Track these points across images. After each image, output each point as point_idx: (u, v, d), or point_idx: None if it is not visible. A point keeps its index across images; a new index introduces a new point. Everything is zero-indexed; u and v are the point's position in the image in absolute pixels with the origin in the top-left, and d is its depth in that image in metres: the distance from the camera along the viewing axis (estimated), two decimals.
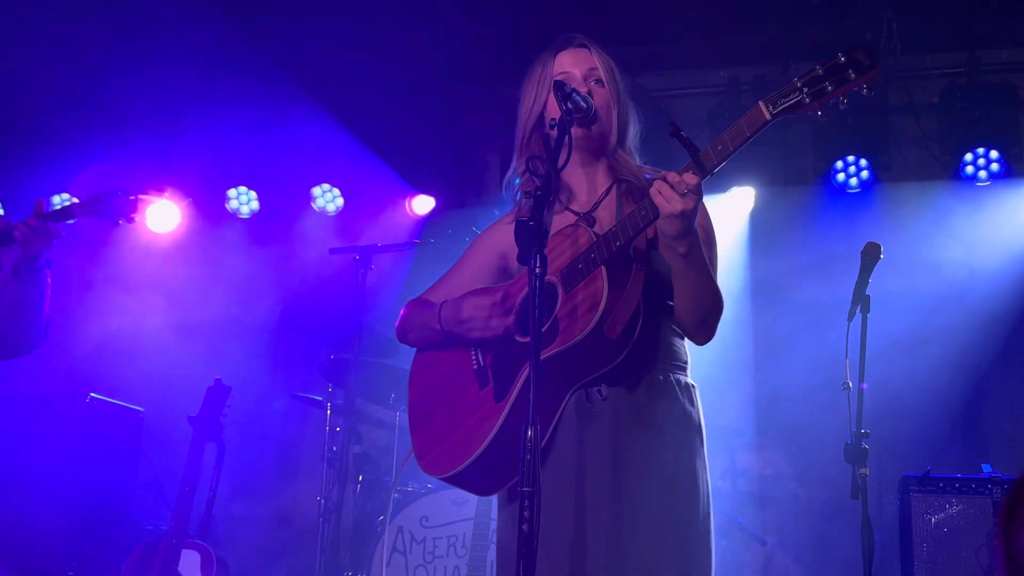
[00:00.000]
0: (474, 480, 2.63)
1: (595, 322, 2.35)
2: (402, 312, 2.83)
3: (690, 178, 2.25)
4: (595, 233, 2.47)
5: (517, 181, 2.79)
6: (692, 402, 2.58)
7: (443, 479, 2.63)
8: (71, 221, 3.54)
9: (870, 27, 5.90)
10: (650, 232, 2.48)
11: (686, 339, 2.62)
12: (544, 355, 2.37)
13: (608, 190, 2.68)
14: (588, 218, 2.63)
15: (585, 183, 2.70)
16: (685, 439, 2.53)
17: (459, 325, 2.62)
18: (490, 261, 2.80)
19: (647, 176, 2.67)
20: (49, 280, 3.54)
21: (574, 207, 2.68)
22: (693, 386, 2.61)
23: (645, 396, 2.50)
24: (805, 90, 2.18)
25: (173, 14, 5.76)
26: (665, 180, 2.28)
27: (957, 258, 5.93)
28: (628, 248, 2.43)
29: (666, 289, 2.50)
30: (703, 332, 2.54)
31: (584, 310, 2.39)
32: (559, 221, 2.63)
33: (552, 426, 2.50)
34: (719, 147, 2.25)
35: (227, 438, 4.93)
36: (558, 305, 2.46)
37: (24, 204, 7.08)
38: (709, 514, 2.53)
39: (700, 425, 2.59)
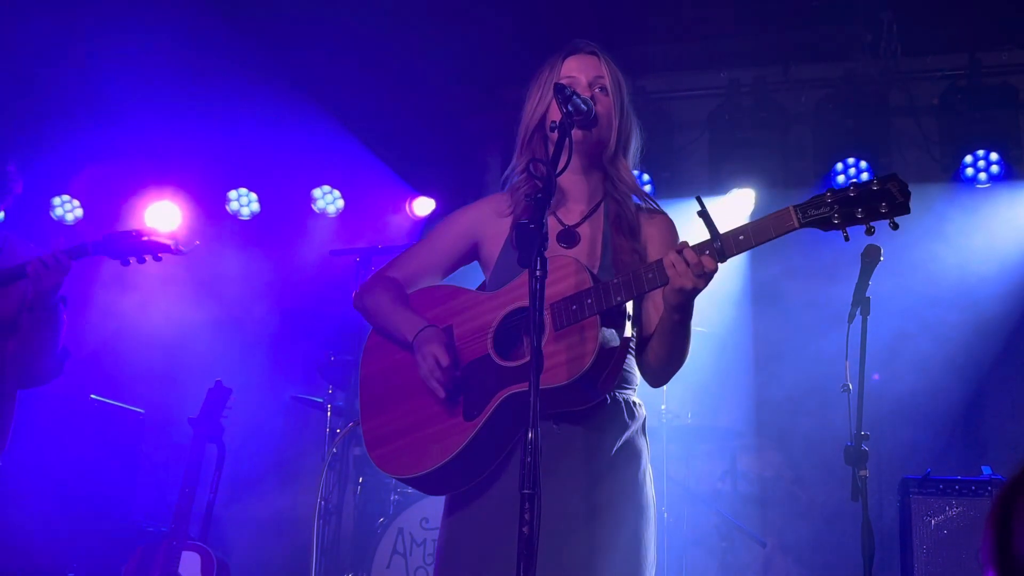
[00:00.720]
0: (424, 487, 2.67)
1: (581, 373, 2.36)
2: (368, 284, 2.78)
3: (708, 263, 2.28)
4: (594, 276, 2.45)
5: (515, 179, 2.78)
6: (634, 418, 2.60)
7: (394, 478, 2.64)
8: (83, 258, 3.54)
9: (871, 29, 5.91)
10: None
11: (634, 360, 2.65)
12: (518, 389, 2.40)
13: (597, 206, 2.68)
14: (572, 232, 2.64)
15: (577, 190, 2.71)
16: (627, 453, 2.56)
17: (418, 355, 2.55)
18: (458, 244, 2.78)
19: (635, 200, 2.69)
20: (64, 316, 3.55)
21: (561, 214, 2.69)
22: (638, 404, 2.65)
23: (595, 417, 2.52)
24: (836, 208, 2.22)
25: (174, 15, 5.76)
26: (682, 255, 2.29)
27: (957, 260, 5.93)
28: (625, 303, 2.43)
29: (633, 322, 2.54)
30: (663, 379, 2.63)
31: (570, 357, 2.38)
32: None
33: (511, 447, 2.51)
34: (740, 238, 2.27)
35: (227, 440, 4.93)
36: (544, 340, 2.38)
37: (24, 205, 7.10)
38: (650, 521, 2.56)
39: (644, 438, 2.64)
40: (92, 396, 5.47)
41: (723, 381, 5.89)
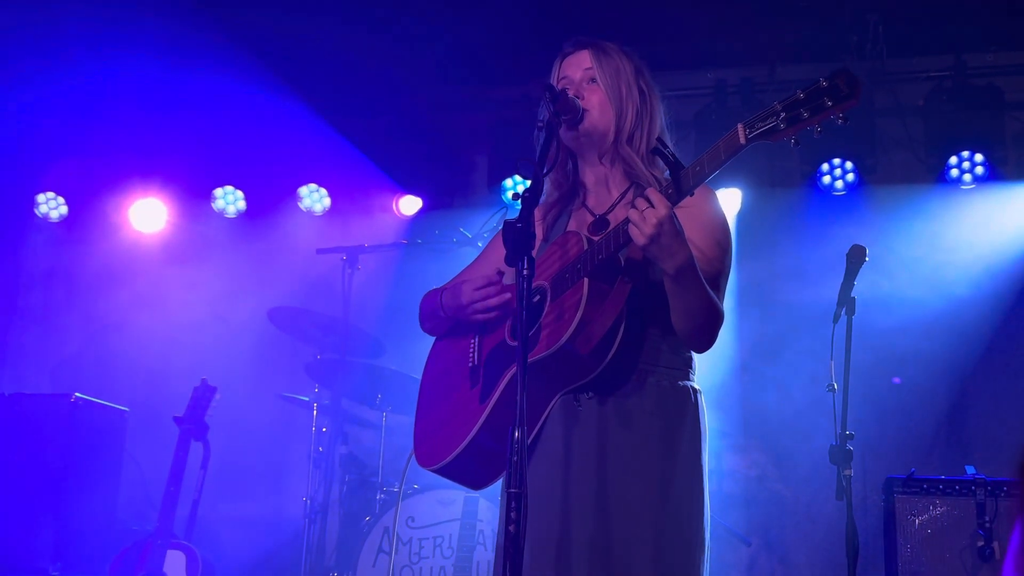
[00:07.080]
0: (457, 476, 2.69)
1: (567, 337, 2.35)
2: (424, 297, 2.89)
3: (654, 202, 2.24)
4: (588, 242, 2.46)
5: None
6: (679, 404, 2.53)
7: (430, 471, 2.68)
8: None
9: (857, 30, 5.93)
10: None
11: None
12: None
13: (625, 193, 2.65)
14: (603, 220, 2.62)
15: (603, 181, 2.70)
16: (671, 442, 2.49)
17: (461, 310, 2.66)
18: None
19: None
20: None
21: (593, 205, 2.69)
22: (688, 390, 2.56)
23: (630, 399, 2.48)
24: (783, 115, 2.15)
25: (159, 11, 5.74)
26: (634, 204, 2.26)
27: (941, 260, 5.96)
28: (617, 259, 2.41)
29: (660, 294, 2.44)
30: (697, 343, 2.52)
31: (562, 322, 2.39)
32: (576, 218, 2.68)
33: (538, 428, 2.51)
34: (697, 168, 2.24)
35: (213, 438, 4.92)
36: (544, 311, 2.47)
37: (9, 202, 7.06)
38: (696, 515, 2.49)
39: (690, 427, 2.54)
40: (76, 395, 5.44)
41: (709, 380, 5.88)
